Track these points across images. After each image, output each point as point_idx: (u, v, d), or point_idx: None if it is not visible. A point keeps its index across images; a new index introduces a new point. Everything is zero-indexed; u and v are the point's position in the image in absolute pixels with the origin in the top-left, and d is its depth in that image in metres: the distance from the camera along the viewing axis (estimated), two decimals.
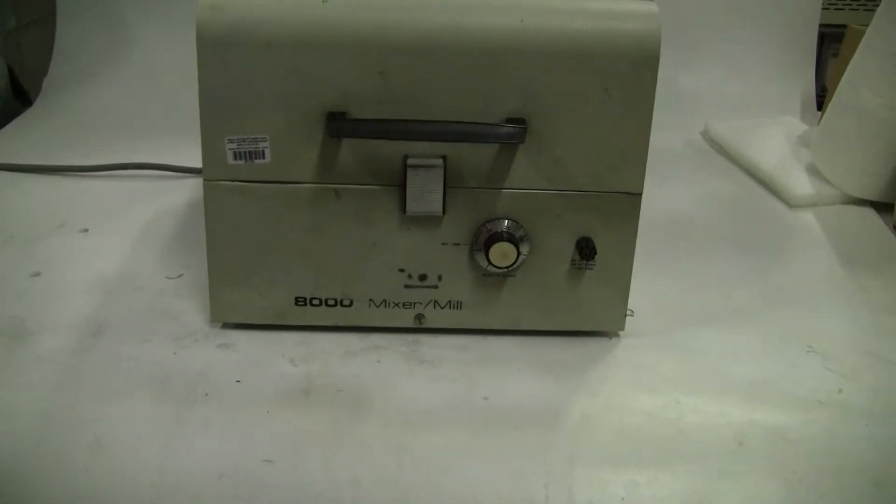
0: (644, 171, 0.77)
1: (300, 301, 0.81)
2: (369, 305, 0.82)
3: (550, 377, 0.78)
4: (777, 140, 1.22)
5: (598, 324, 0.83)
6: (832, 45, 1.46)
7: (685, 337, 0.85)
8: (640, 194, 0.78)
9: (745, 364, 0.81)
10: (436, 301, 0.82)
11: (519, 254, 0.78)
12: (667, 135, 1.24)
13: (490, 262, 0.78)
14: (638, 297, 0.84)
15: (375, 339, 0.82)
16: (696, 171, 1.17)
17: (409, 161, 0.75)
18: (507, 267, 0.78)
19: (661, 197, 1.09)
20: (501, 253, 0.77)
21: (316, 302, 0.81)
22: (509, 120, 0.75)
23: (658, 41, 0.73)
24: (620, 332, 0.84)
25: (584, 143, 0.76)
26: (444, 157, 0.76)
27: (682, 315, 0.88)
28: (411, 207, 0.77)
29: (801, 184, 1.12)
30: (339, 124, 0.73)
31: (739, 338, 0.85)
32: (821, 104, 1.34)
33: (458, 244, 0.79)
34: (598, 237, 0.79)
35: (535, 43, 0.73)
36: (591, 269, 0.81)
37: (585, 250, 0.78)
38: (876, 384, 0.79)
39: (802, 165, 1.16)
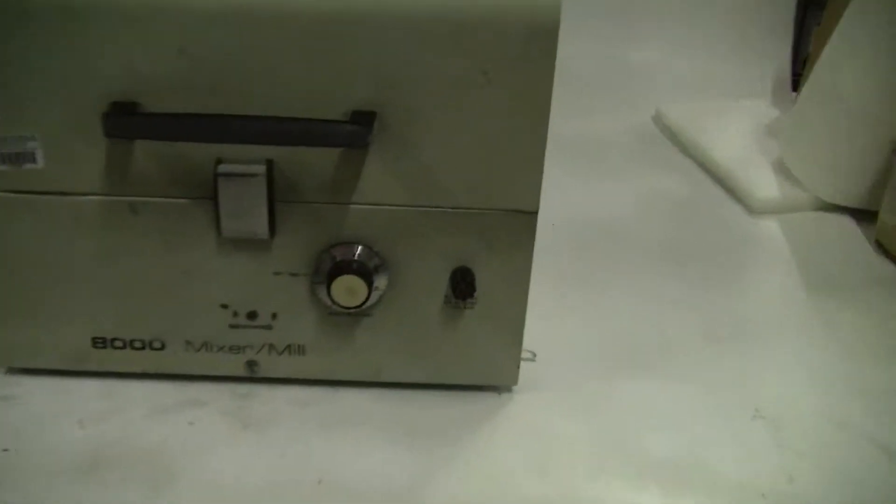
0: (540, 182, 0.59)
1: (99, 342, 0.63)
2: (186, 349, 0.63)
3: (410, 448, 0.60)
4: (740, 128, 1.03)
5: (483, 376, 0.65)
6: (816, 12, 1.25)
7: (598, 390, 0.67)
8: (536, 213, 0.59)
9: (670, 432, 0.63)
10: (271, 345, 0.63)
11: (372, 289, 0.59)
12: (608, 119, 1.06)
13: (333, 301, 0.59)
14: (544, 332, 0.67)
15: (195, 390, 0.64)
16: (639, 165, 0.98)
17: (221, 168, 0.57)
18: (355, 307, 0.60)
19: (592, 197, 0.91)
20: (347, 288, 0.59)
21: (119, 343, 0.63)
22: (356, 115, 0.55)
23: (557, 6, 0.54)
24: (514, 386, 0.66)
25: (457, 145, 0.57)
26: (269, 163, 0.57)
27: (599, 358, 0.70)
28: (227, 227, 0.58)
29: (765, 184, 0.93)
30: (119, 121, 0.55)
31: (668, 392, 0.67)
32: (797, 84, 1.14)
33: (296, 274, 0.61)
34: (479, 267, 0.61)
35: (389, 11, 0.54)
36: (472, 307, 0.62)
37: (461, 285, 0.60)
38: (839, 466, 0.61)
39: (768, 161, 0.97)
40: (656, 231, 0.87)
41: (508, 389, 0.66)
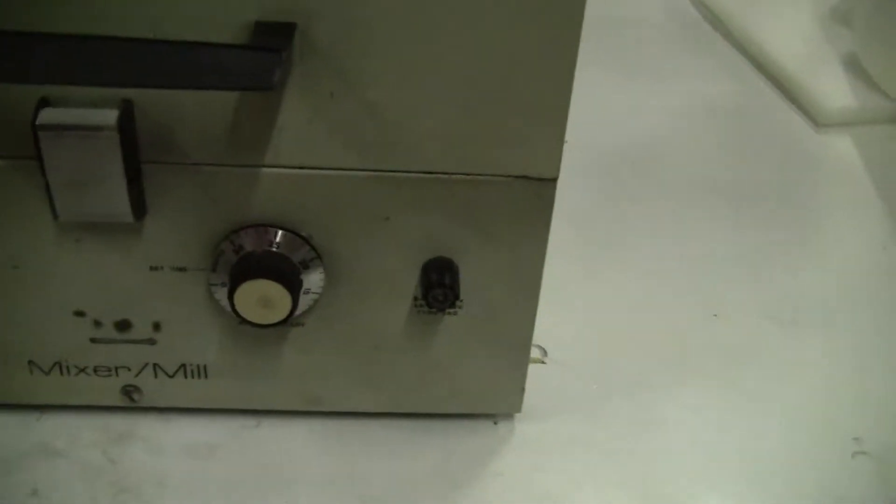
0: (563, 134, 0.37)
1: None
2: (30, 371, 0.43)
3: None
4: (802, 14, 0.80)
5: (472, 403, 0.45)
6: None
7: (633, 411, 0.47)
8: (555, 180, 0.38)
9: (739, 481, 0.44)
10: (156, 365, 0.43)
11: (299, 296, 0.38)
12: None
13: (240, 316, 0.38)
14: (553, 315, 0.46)
15: (51, 427, 0.44)
16: (675, 60, 0.75)
17: (43, 117, 0.34)
18: (273, 325, 0.39)
19: (612, 108, 0.69)
20: (259, 298, 0.38)
21: None
22: (262, 29, 0.33)
23: None
24: (516, 413, 0.46)
25: (429, 77, 0.35)
26: (125, 105, 0.35)
27: (631, 356, 0.50)
28: (63, 207, 0.37)
29: (835, 89, 0.72)
30: None
31: (731, 415, 0.47)
32: None
33: (183, 269, 0.40)
34: (466, 259, 0.40)
35: None
36: (455, 314, 0.41)
37: (436, 291, 0.39)
38: None
39: (839, 58, 0.75)
40: (695, 153, 0.66)
41: (509, 417, 0.46)
